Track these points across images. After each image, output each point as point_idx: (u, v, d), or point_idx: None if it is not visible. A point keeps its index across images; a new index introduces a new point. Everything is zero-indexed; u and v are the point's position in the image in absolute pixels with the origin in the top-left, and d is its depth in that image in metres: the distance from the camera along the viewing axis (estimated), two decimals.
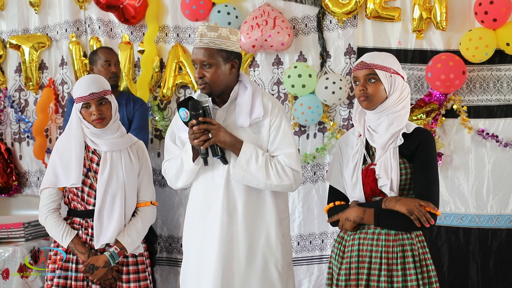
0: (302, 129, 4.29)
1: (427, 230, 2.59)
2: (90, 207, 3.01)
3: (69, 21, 4.57)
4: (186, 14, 4.33)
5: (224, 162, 2.72)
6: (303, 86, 4.08)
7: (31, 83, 4.68)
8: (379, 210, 2.56)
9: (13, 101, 4.75)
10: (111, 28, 4.55)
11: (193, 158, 2.75)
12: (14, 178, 4.69)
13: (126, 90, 4.41)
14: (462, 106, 4.05)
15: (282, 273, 2.80)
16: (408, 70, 4.11)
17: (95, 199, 2.99)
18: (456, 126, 4.08)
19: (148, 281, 3.11)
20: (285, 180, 2.72)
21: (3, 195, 4.70)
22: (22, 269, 3.83)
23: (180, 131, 2.85)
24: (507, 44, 3.85)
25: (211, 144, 2.68)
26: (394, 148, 2.60)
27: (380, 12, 4.09)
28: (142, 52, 4.45)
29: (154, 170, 4.03)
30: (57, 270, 3.00)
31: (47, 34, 4.67)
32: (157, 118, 4.46)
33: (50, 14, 4.66)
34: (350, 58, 4.19)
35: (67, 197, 3.08)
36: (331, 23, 4.23)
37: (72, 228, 3.03)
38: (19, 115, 4.72)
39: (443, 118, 4.07)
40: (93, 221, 2.98)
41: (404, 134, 2.62)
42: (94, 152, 3.04)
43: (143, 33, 4.48)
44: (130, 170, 3.06)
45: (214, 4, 4.29)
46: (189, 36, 4.45)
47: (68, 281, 3.01)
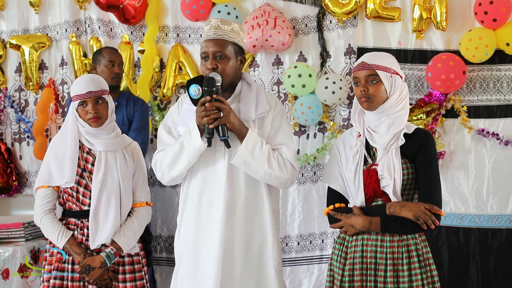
0: (302, 129, 4.29)
1: (427, 230, 2.58)
2: (85, 208, 3.00)
3: (69, 21, 4.57)
4: (186, 14, 4.33)
5: (227, 145, 2.67)
6: (303, 86, 4.08)
7: (31, 83, 4.68)
8: (386, 219, 2.55)
9: (13, 101, 4.74)
10: (111, 28, 4.55)
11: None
12: (14, 178, 4.69)
13: (127, 90, 4.40)
14: (462, 106, 4.05)
15: (279, 271, 2.80)
16: (408, 70, 4.11)
17: (90, 200, 2.98)
18: (456, 126, 4.08)
19: (144, 281, 3.10)
20: (284, 173, 2.73)
21: (3, 195, 4.70)
22: (22, 269, 3.83)
23: (178, 125, 2.81)
24: (507, 44, 3.85)
25: (220, 124, 2.63)
26: (396, 149, 2.60)
27: (380, 12, 4.09)
28: (142, 52, 4.45)
29: None
30: (53, 271, 2.99)
31: (47, 34, 4.67)
32: (157, 118, 4.46)
33: (50, 14, 4.66)
34: (350, 58, 4.19)
35: (62, 198, 3.06)
36: (331, 23, 4.23)
37: (68, 229, 3.01)
38: (19, 115, 4.72)
39: (443, 118, 4.07)
40: (89, 222, 2.97)
41: (405, 135, 2.61)
42: (89, 153, 3.03)
43: (143, 33, 4.48)
44: (125, 171, 3.04)
45: (214, 4, 4.29)
46: (189, 36, 4.45)
47: (65, 282, 2.99)
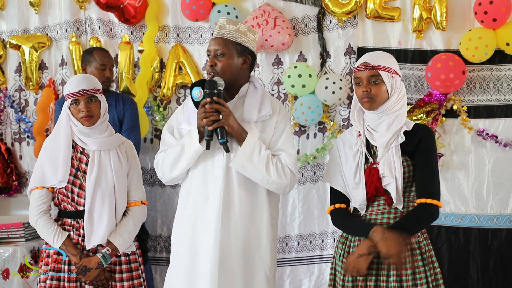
0: (302, 129, 4.29)
1: (427, 230, 2.59)
2: (81, 208, 2.98)
3: (69, 21, 4.57)
4: (186, 14, 4.33)
5: (226, 149, 2.69)
6: (303, 86, 4.08)
7: (31, 83, 4.67)
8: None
9: (13, 101, 4.74)
10: (111, 28, 4.55)
11: (199, 140, 2.71)
12: (14, 178, 4.69)
13: (126, 90, 4.41)
14: (462, 106, 4.05)
15: (270, 277, 2.78)
16: (408, 70, 4.11)
17: (85, 200, 2.98)
18: (456, 126, 4.08)
19: (142, 279, 3.10)
20: (283, 179, 2.72)
21: (3, 195, 4.69)
22: (22, 269, 3.83)
23: (181, 124, 2.83)
24: (507, 44, 3.86)
25: (219, 126, 2.65)
26: (396, 147, 2.60)
27: (380, 12, 4.09)
28: (142, 52, 4.45)
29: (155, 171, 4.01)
30: (50, 271, 2.98)
31: (47, 34, 4.67)
32: (157, 118, 4.46)
33: (50, 14, 4.66)
34: (350, 58, 4.19)
35: (57, 198, 3.05)
36: (331, 23, 4.23)
37: (63, 230, 3.00)
38: (19, 115, 4.72)
39: (443, 118, 4.07)
40: (84, 222, 2.96)
41: (405, 132, 2.62)
42: (83, 152, 3.02)
43: (143, 33, 4.47)
44: (119, 170, 3.03)
45: (214, 4, 4.29)
46: (189, 36, 4.45)
47: (61, 282, 2.98)
